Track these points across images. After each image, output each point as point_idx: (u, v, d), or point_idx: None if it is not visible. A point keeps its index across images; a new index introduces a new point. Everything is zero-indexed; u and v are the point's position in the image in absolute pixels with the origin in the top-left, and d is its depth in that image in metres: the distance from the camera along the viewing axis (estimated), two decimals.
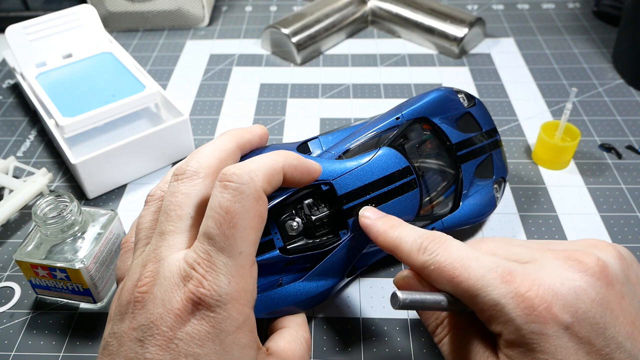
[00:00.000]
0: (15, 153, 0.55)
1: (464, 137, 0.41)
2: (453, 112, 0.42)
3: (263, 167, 0.28)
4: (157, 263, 0.27)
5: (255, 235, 0.27)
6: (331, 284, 0.37)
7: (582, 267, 0.26)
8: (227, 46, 0.70)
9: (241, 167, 0.28)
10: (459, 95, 0.43)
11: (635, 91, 0.60)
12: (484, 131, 0.43)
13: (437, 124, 0.41)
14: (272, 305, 0.35)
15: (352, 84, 0.63)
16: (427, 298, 0.28)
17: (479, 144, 0.42)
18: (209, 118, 0.58)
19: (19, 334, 0.39)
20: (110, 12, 0.72)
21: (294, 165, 0.30)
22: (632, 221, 0.46)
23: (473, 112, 0.43)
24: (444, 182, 0.41)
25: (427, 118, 0.40)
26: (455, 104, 0.42)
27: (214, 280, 0.26)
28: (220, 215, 0.26)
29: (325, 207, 0.37)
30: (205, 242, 0.26)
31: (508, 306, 0.25)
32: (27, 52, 0.55)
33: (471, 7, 0.78)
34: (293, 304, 0.35)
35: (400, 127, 0.39)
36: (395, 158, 0.37)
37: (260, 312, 0.35)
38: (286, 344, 0.32)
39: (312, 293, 0.36)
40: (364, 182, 0.36)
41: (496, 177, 0.44)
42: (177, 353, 0.25)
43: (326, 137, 0.40)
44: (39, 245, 0.38)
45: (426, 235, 0.30)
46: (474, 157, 0.42)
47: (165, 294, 0.26)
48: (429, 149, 0.41)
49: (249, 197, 0.27)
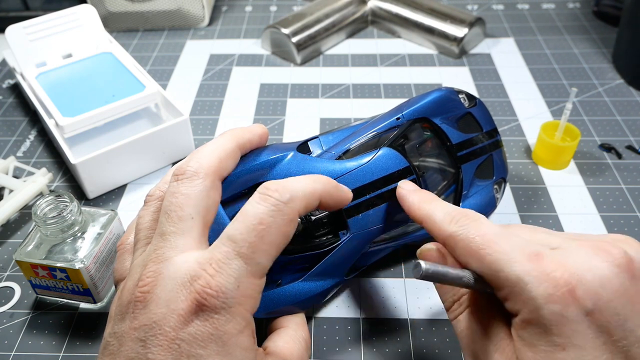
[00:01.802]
0: (15, 153, 0.55)
1: (464, 137, 0.41)
2: (454, 113, 0.42)
3: (304, 191, 0.29)
4: (159, 264, 0.27)
5: (276, 253, 0.28)
6: (330, 284, 0.37)
7: (609, 257, 0.25)
8: (227, 46, 0.70)
9: (285, 185, 0.28)
10: (459, 95, 0.43)
11: (635, 91, 0.60)
12: (484, 131, 0.43)
13: (438, 124, 0.40)
14: (271, 305, 0.35)
15: (352, 84, 0.63)
16: (449, 272, 0.27)
17: (480, 145, 0.42)
18: (209, 118, 0.58)
19: (19, 334, 0.39)
20: (110, 12, 0.72)
21: (331, 194, 0.31)
22: (632, 221, 0.46)
23: (474, 112, 0.43)
24: (444, 182, 0.41)
25: (428, 118, 0.40)
26: (456, 104, 0.42)
27: (223, 282, 0.26)
28: (252, 224, 0.27)
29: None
30: (227, 243, 0.27)
31: (531, 284, 0.25)
32: (27, 52, 0.55)
33: (471, 7, 0.78)
34: (292, 304, 0.35)
35: (401, 127, 0.39)
36: (395, 159, 0.37)
37: (259, 312, 0.34)
38: (284, 343, 0.32)
39: (312, 293, 0.36)
40: (364, 182, 0.36)
41: (496, 177, 0.44)
42: (179, 353, 0.25)
43: (326, 137, 0.40)
44: (39, 245, 0.38)
45: (459, 210, 0.30)
46: (475, 158, 0.42)
47: (169, 294, 0.26)
48: (430, 149, 0.41)
49: (285, 216, 0.27)
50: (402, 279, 0.42)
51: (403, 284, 0.41)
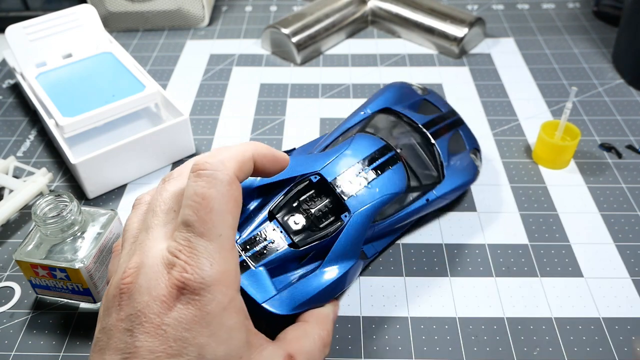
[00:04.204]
0: (15, 153, 0.55)
1: (427, 119, 0.46)
2: (411, 100, 0.47)
3: (234, 154, 0.29)
4: (141, 255, 0.28)
5: (233, 219, 0.28)
6: (347, 267, 0.37)
7: None
8: (227, 46, 0.70)
9: (213, 155, 0.29)
10: (412, 87, 0.49)
11: (635, 91, 0.60)
12: (443, 112, 0.48)
13: (400, 111, 0.45)
14: (294, 300, 0.35)
15: (352, 84, 0.63)
16: None
17: (443, 123, 0.46)
18: (209, 118, 0.58)
19: (19, 334, 0.39)
20: (110, 12, 0.72)
21: (263, 154, 0.32)
22: (633, 220, 0.46)
23: (429, 98, 0.49)
24: (424, 156, 0.44)
25: (389, 108, 0.45)
26: (410, 92, 0.48)
27: (197, 264, 0.26)
28: (197, 202, 0.27)
29: (321, 198, 0.39)
30: (184, 229, 0.27)
31: None
32: (27, 52, 0.55)
33: (471, 7, 0.78)
34: (314, 295, 0.35)
35: (367, 117, 0.45)
36: (371, 139, 0.41)
37: (284, 309, 0.34)
38: (295, 336, 0.32)
39: (330, 280, 0.36)
40: (349, 166, 0.39)
41: (469, 148, 0.47)
42: (165, 339, 0.25)
43: (302, 147, 0.43)
44: (39, 245, 0.38)
45: None
46: (443, 134, 0.46)
47: (149, 282, 0.26)
48: (401, 132, 0.44)
49: (223, 182, 0.28)
50: (403, 277, 0.42)
51: (403, 282, 0.41)
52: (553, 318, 0.39)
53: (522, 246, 0.44)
